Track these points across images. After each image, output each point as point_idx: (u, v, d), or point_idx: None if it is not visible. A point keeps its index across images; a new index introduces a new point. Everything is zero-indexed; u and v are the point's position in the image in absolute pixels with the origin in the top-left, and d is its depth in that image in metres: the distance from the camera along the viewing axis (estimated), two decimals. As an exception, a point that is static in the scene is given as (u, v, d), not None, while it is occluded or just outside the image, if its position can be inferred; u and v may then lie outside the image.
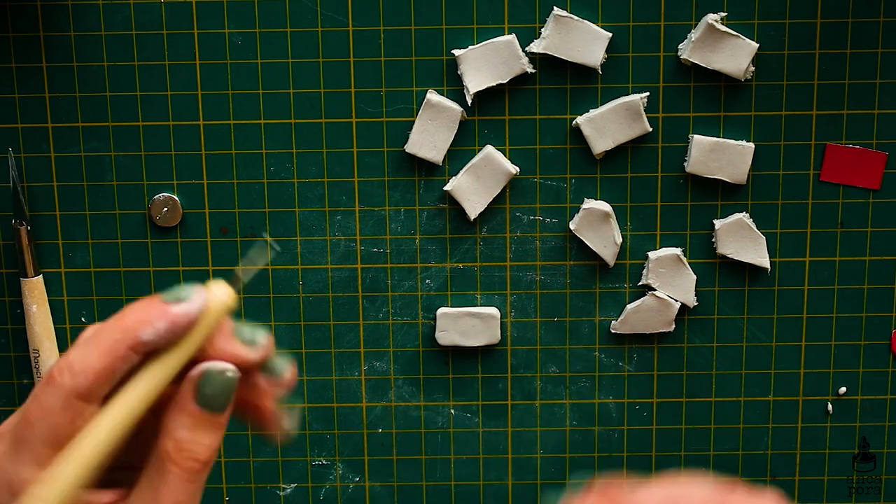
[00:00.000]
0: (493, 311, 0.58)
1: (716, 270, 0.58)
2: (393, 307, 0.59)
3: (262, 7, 0.56)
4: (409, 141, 0.56)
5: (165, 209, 0.57)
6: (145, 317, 0.38)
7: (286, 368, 0.42)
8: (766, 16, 0.55)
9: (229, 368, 0.41)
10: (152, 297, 0.38)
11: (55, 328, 0.59)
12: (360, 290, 0.58)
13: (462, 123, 0.56)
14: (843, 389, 0.59)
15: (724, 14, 0.55)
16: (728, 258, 0.58)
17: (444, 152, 0.56)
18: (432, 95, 0.56)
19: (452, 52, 0.55)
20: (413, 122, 0.56)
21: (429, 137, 0.56)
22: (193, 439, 0.41)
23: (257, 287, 0.58)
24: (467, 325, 0.58)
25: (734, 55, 0.55)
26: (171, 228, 0.57)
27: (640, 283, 0.58)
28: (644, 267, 0.58)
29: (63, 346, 0.59)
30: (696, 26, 0.55)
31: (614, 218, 0.57)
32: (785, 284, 0.58)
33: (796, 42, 0.56)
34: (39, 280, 0.57)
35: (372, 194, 0.57)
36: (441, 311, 0.58)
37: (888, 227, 0.58)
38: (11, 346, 0.59)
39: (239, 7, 0.55)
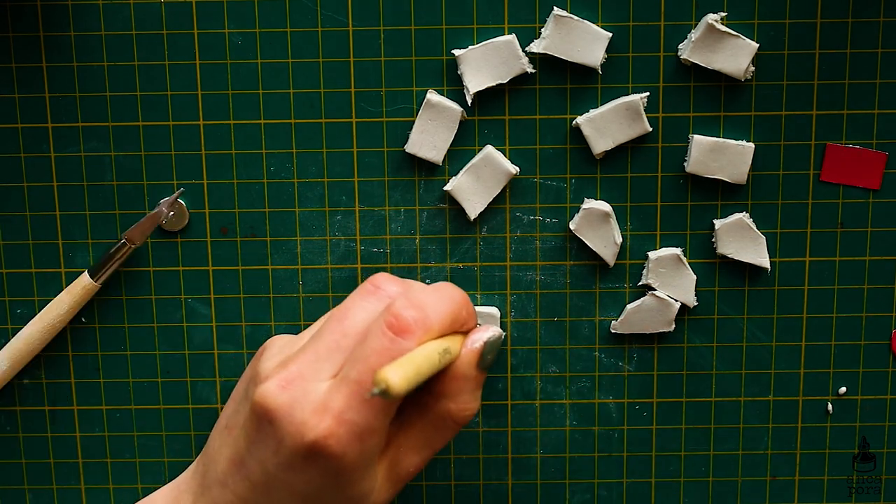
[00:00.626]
0: (493, 310, 0.58)
1: (716, 270, 0.58)
2: (393, 307, 0.59)
3: (262, 7, 0.56)
4: (409, 141, 0.56)
5: (171, 213, 0.57)
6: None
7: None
8: (766, 16, 0.55)
9: (501, 332, 0.51)
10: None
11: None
12: (360, 290, 0.58)
13: (462, 123, 0.56)
14: (843, 389, 0.59)
15: (724, 14, 0.55)
16: (728, 258, 0.58)
17: (444, 152, 0.56)
18: (432, 95, 0.56)
19: (452, 52, 0.55)
20: (413, 122, 0.56)
21: (429, 137, 0.56)
22: (473, 399, 0.50)
23: (257, 287, 0.58)
24: None
25: (734, 55, 0.55)
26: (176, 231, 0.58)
27: (640, 283, 0.58)
28: (644, 267, 0.58)
29: (63, 346, 0.59)
30: (696, 26, 0.55)
31: (614, 218, 0.57)
32: (785, 284, 0.58)
33: (796, 42, 0.56)
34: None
35: (372, 194, 0.57)
36: None
37: (888, 227, 0.58)
38: (11, 346, 0.59)
39: (239, 7, 0.55)
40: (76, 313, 0.57)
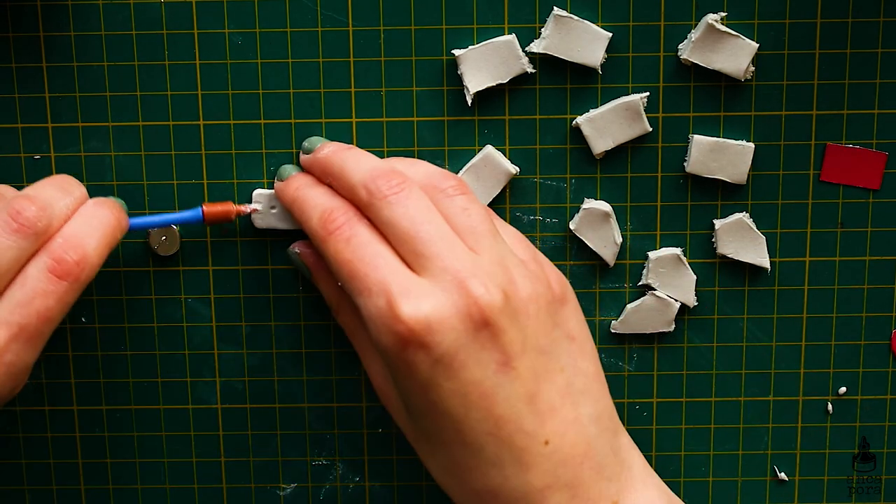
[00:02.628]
0: None
1: (716, 270, 0.58)
2: (393, 307, 0.59)
3: (262, 7, 0.56)
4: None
5: (164, 238, 0.57)
6: None
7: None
8: (766, 16, 0.55)
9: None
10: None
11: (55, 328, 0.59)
12: (360, 290, 0.58)
13: (462, 123, 0.56)
14: (843, 389, 0.59)
15: (724, 14, 0.55)
16: (728, 258, 0.58)
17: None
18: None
19: (452, 52, 0.55)
20: (413, 122, 0.56)
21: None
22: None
23: (257, 287, 0.58)
24: None
25: (734, 55, 0.55)
26: (172, 255, 0.57)
27: (640, 283, 0.58)
28: (644, 267, 0.58)
29: (63, 346, 0.59)
30: (696, 26, 0.55)
31: (614, 218, 0.57)
32: (785, 284, 0.58)
33: (796, 42, 0.56)
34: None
35: (372, 194, 0.57)
36: None
37: (888, 227, 0.58)
38: (11, 346, 0.59)
39: (239, 7, 0.55)
40: (75, 312, 0.57)
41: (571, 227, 0.57)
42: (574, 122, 0.56)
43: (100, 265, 0.50)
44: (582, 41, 0.55)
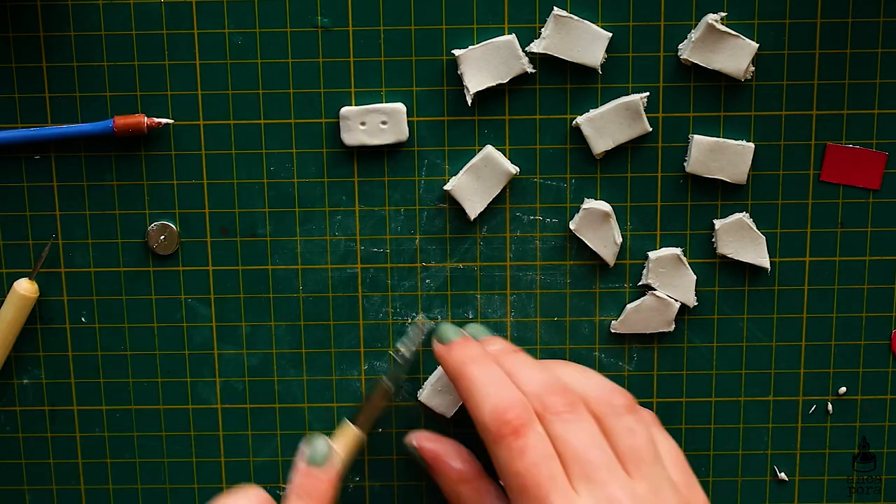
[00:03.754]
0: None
1: (716, 270, 0.58)
2: (393, 307, 0.59)
3: (262, 7, 0.56)
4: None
5: (163, 237, 0.57)
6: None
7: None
8: (766, 16, 0.55)
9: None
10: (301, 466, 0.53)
11: (55, 328, 0.59)
12: (360, 290, 0.58)
13: (462, 123, 0.56)
14: (843, 389, 0.59)
15: (724, 14, 0.55)
16: (728, 258, 0.58)
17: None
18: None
19: (452, 52, 0.55)
20: (413, 122, 0.56)
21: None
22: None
23: (257, 287, 0.58)
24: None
25: (734, 55, 0.55)
26: (171, 254, 0.57)
27: (640, 283, 0.58)
28: (644, 267, 0.58)
29: (63, 346, 0.59)
30: (696, 26, 0.55)
31: (614, 218, 0.57)
32: (785, 284, 0.58)
33: (796, 42, 0.56)
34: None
35: (372, 194, 0.57)
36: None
37: (888, 227, 0.58)
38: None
39: (239, 7, 0.55)
40: (75, 312, 0.57)
41: (571, 227, 0.57)
42: (574, 122, 0.56)
43: None
44: (582, 41, 0.55)
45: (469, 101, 0.56)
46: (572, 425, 0.49)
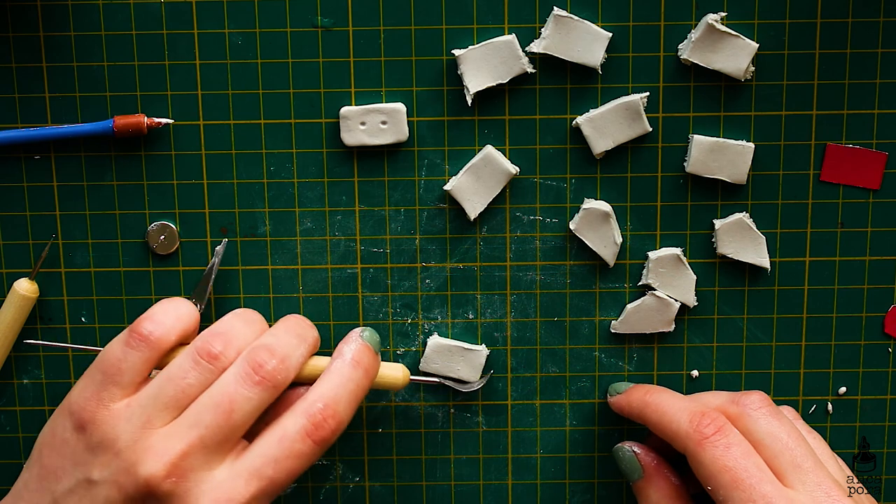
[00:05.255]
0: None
1: (716, 270, 0.58)
2: (393, 307, 0.59)
3: (262, 7, 0.56)
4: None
5: (162, 237, 0.57)
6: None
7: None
8: (766, 16, 0.55)
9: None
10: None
11: (55, 328, 0.59)
12: (360, 290, 0.58)
13: (462, 123, 0.56)
14: (842, 389, 0.59)
15: (724, 14, 0.55)
16: (728, 258, 0.58)
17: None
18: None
19: (452, 52, 0.55)
20: (413, 122, 0.56)
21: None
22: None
23: (257, 287, 0.58)
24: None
25: (734, 55, 0.55)
26: (171, 254, 0.57)
27: (640, 283, 0.58)
28: (644, 267, 0.58)
29: (61, 342, 0.59)
30: (696, 26, 0.55)
31: (614, 218, 0.57)
32: (785, 284, 0.58)
33: (796, 42, 0.56)
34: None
35: (372, 194, 0.57)
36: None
37: (888, 227, 0.58)
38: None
39: (239, 7, 0.55)
40: (75, 312, 0.57)
41: (571, 227, 0.57)
42: (574, 122, 0.56)
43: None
44: (582, 41, 0.55)
45: (469, 101, 0.56)
46: (774, 419, 0.52)
